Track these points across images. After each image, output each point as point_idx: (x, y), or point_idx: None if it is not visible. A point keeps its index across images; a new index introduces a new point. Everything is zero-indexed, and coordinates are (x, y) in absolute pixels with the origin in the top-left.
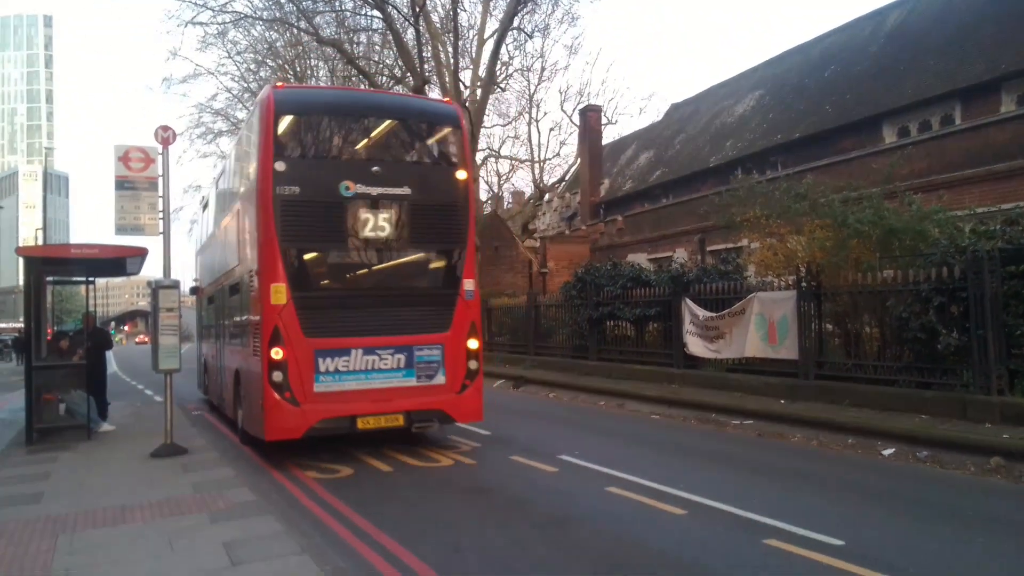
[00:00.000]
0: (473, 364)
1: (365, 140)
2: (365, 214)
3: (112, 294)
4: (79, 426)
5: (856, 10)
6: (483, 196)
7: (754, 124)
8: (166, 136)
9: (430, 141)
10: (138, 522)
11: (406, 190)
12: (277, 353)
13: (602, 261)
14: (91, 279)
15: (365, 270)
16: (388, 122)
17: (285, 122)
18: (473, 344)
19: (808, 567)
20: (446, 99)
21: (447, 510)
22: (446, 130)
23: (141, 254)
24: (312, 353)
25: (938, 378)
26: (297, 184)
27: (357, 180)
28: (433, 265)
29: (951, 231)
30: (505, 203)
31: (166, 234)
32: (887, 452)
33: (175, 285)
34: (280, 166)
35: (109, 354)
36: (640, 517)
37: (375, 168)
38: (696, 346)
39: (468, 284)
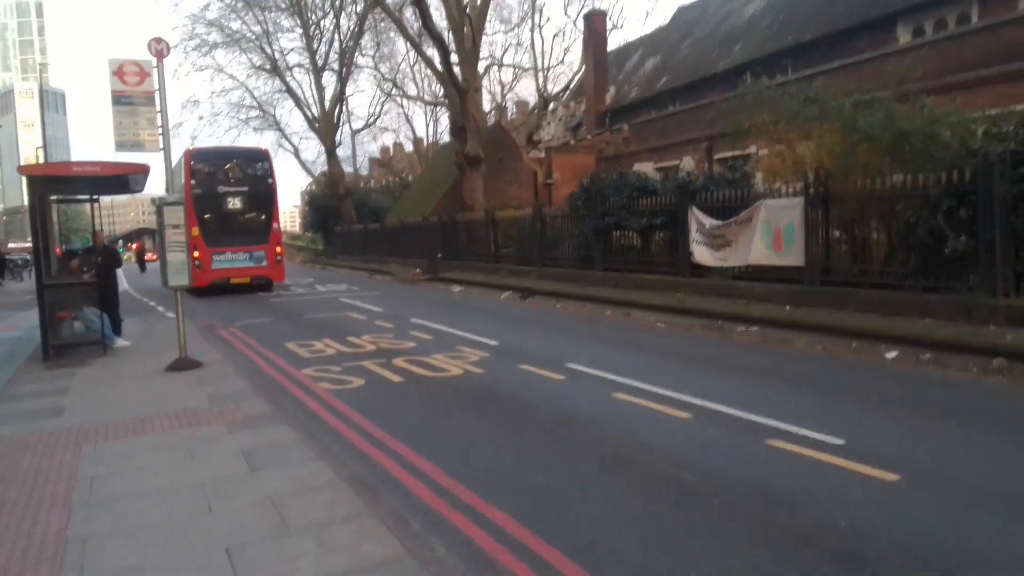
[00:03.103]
0: (278, 257)
1: (227, 166)
2: (229, 198)
3: (118, 212)
4: (94, 342)
5: None
6: (486, 107)
7: (764, 26)
8: (160, 49)
9: (255, 165)
10: (157, 432)
11: (245, 188)
12: (195, 253)
13: (608, 171)
14: (95, 197)
15: (230, 220)
16: (236, 160)
17: (194, 164)
18: (278, 248)
19: (808, 464)
20: (264, 148)
21: (457, 418)
22: (261, 160)
23: (143, 171)
24: (211, 253)
25: (944, 282)
26: (200, 187)
27: (225, 184)
28: (259, 217)
29: (963, 134)
30: (509, 113)
31: (166, 150)
32: (890, 355)
33: (180, 201)
34: (193, 180)
35: (119, 272)
36: (646, 420)
37: (232, 179)
38: (702, 255)
39: (275, 225)
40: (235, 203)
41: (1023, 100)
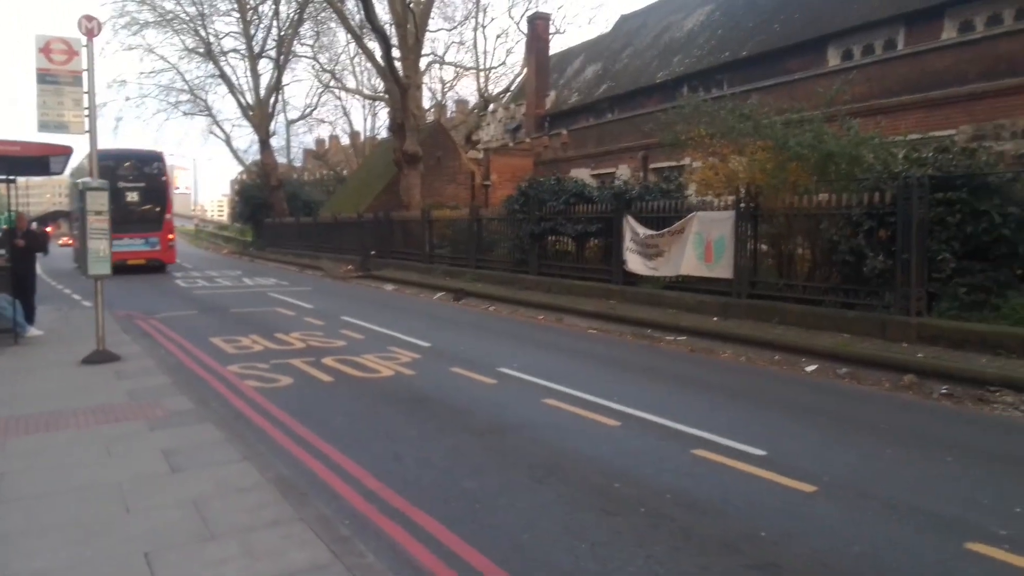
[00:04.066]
0: (170, 243)
1: (127, 164)
2: (127, 192)
3: (32, 193)
4: (5, 330)
5: None
6: (426, 104)
7: (702, 40)
8: (90, 27)
9: (151, 164)
10: (72, 429)
11: (142, 184)
12: None
13: (545, 175)
14: (11, 177)
15: (128, 211)
16: (133, 159)
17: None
18: (170, 235)
19: (732, 475)
20: (159, 151)
21: (387, 420)
22: (156, 160)
23: (66, 153)
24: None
25: (862, 299)
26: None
27: (124, 181)
28: (153, 209)
29: (885, 157)
30: (448, 112)
31: (92, 132)
32: (810, 368)
33: (104, 187)
34: (84, 179)
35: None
36: (576, 427)
37: (130, 176)
38: (635, 263)
39: (167, 216)
40: (132, 196)
41: (942, 127)
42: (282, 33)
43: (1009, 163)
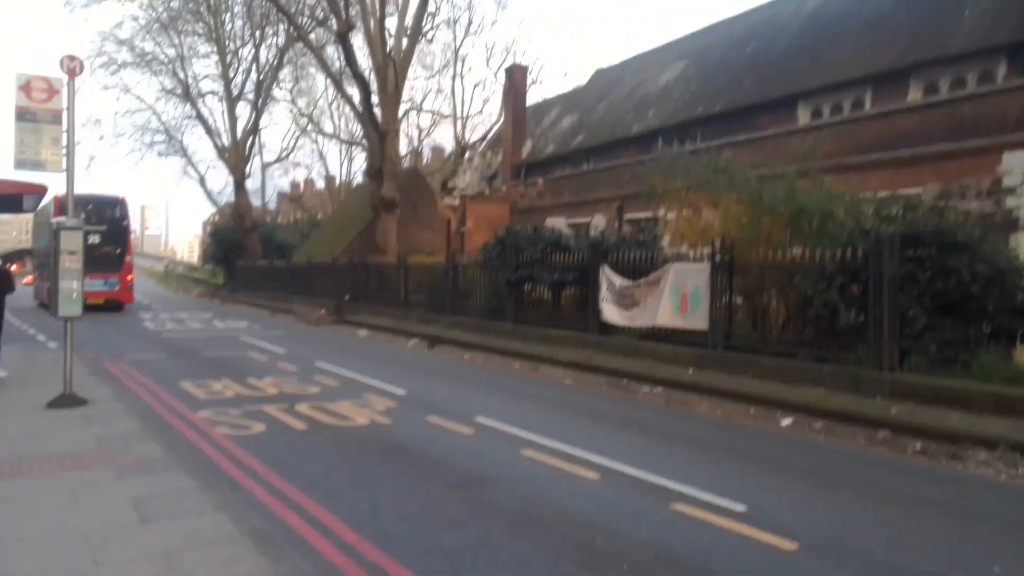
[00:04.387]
0: (128, 284)
1: (90, 207)
2: (89, 235)
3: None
4: None
5: None
6: (403, 150)
7: (676, 95)
8: (72, 66)
9: (113, 209)
10: (37, 474)
11: (103, 227)
12: None
13: (522, 223)
14: None
15: (89, 252)
16: (95, 204)
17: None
18: (128, 276)
19: (712, 531)
20: (120, 196)
21: (364, 470)
22: (117, 205)
23: (41, 192)
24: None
25: (836, 353)
26: None
27: (86, 223)
28: (114, 251)
29: (856, 213)
30: (425, 158)
31: (69, 171)
32: (785, 422)
33: (79, 227)
34: (59, 218)
35: None
36: (554, 480)
37: (92, 219)
38: (611, 313)
39: (127, 258)
40: (94, 239)
41: (910, 184)
42: (261, 77)
43: (975, 222)
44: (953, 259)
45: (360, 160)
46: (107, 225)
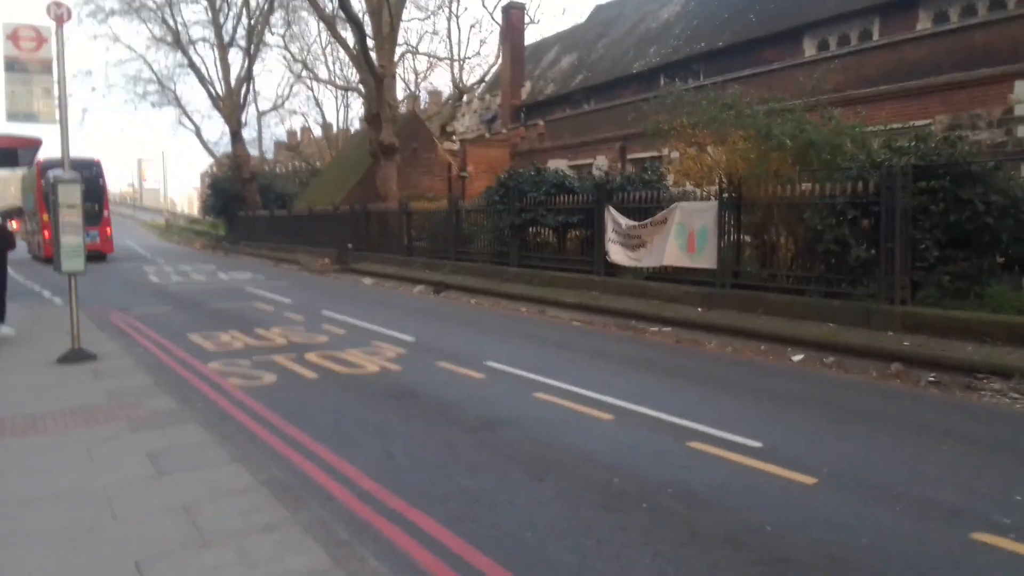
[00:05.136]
0: (108, 236)
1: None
2: None
3: None
4: None
5: None
6: (399, 95)
7: (678, 30)
8: (60, 13)
9: (90, 169)
10: (52, 432)
11: (84, 186)
12: (46, 233)
13: (523, 166)
14: None
15: None
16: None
17: (44, 170)
18: (108, 229)
19: (730, 467)
20: (96, 158)
21: (377, 417)
22: (93, 166)
23: (35, 145)
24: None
25: (845, 288)
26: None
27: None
28: (93, 207)
29: (866, 146)
30: (423, 103)
31: (63, 122)
32: (796, 358)
33: (76, 180)
34: (43, 181)
35: None
36: (569, 422)
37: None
38: (617, 254)
39: (105, 212)
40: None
41: (920, 117)
42: (253, 22)
43: (986, 152)
44: (967, 190)
45: (357, 106)
46: (85, 184)
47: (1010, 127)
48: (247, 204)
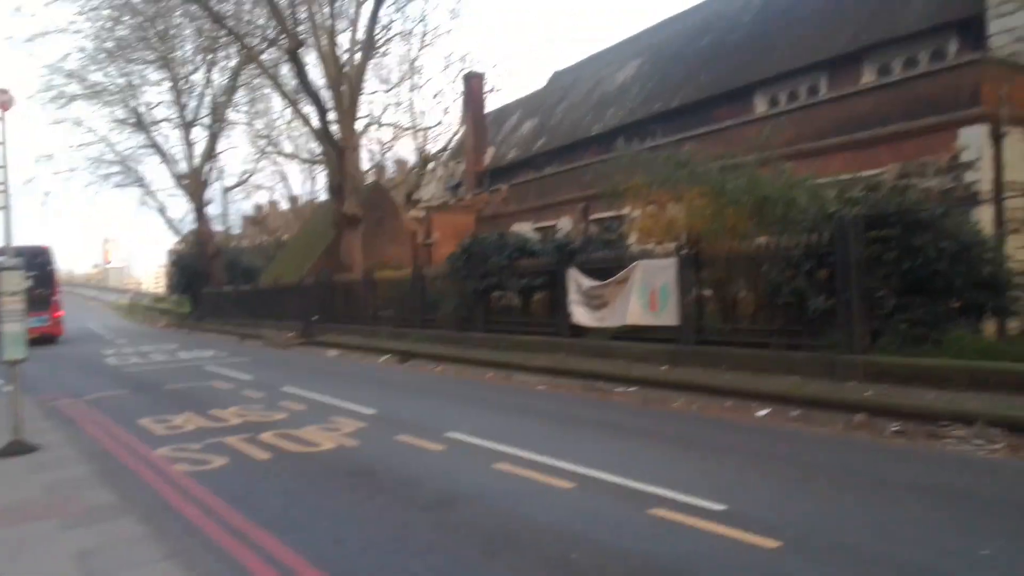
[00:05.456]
0: (56, 319)
1: (21, 258)
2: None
3: None
4: None
5: None
6: (365, 165)
7: (634, 92)
8: (4, 100)
9: (41, 256)
10: None
11: (33, 272)
12: None
13: (488, 231)
14: None
15: (26, 294)
16: (24, 253)
17: None
18: (55, 313)
19: (693, 535)
20: (45, 245)
21: (328, 498)
22: (43, 254)
23: None
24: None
25: (807, 339)
26: None
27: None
28: (45, 292)
29: (819, 198)
30: (388, 172)
31: (7, 209)
32: (761, 413)
33: (20, 266)
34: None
35: None
36: (529, 493)
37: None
38: (581, 315)
39: (54, 298)
40: (27, 283)
41: (870, 166)
42: (215, 101)
43: (936, 199)
44: (918, 237)
45: (323, 178)
46: (35, 271)
47: (958, 173)
48: (212, 280)
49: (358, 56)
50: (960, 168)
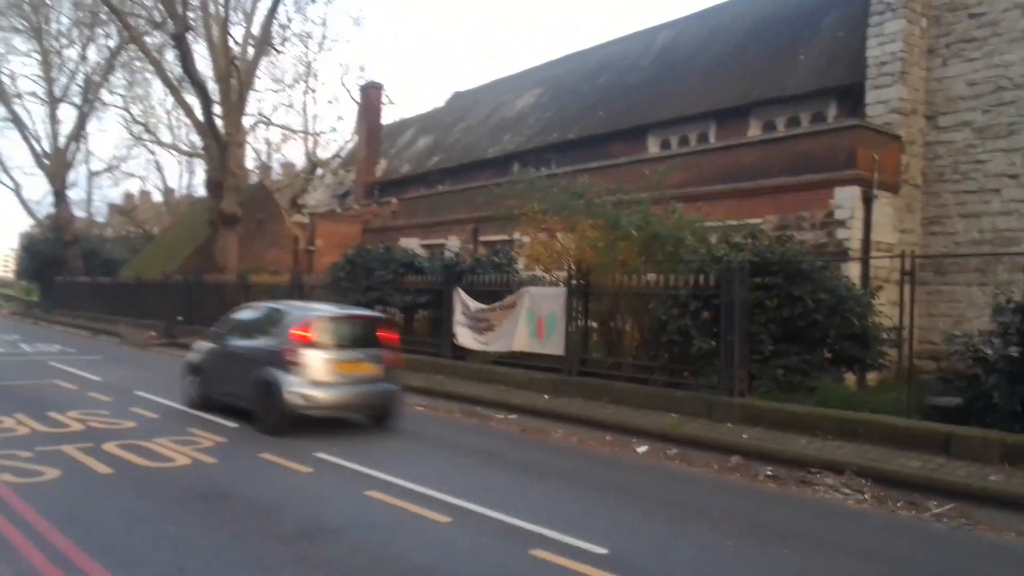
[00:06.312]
0: None
1: None
2: None
3: None
4: None
5: (633, 26)
6: (250, 164)
7: (532, 121)
8: None
9: None
10: None
11: None
12: None
13: (374, 243)
14: None
15: None
16: None
17: None
18: None
19: None
20: None
21: (176, 524)
22: None
23: None
24: None
25: (688, 378)
26: None
27: None
28: None
29: (705, 240)
30: (274, 174)
31: None
32: (641, 449)
33: None
34: None
35: None
36: (403, 526)
37: None
38: (465, 337)
39: None
40: None
41: (752, 215)
42: (89, 80)
43: (810, 252)
44: (798, 287)
45: (202, 172)
46: None
47: (831, 229)
48: (68, 269)
49: (251, 51)
50: (833, 225)
